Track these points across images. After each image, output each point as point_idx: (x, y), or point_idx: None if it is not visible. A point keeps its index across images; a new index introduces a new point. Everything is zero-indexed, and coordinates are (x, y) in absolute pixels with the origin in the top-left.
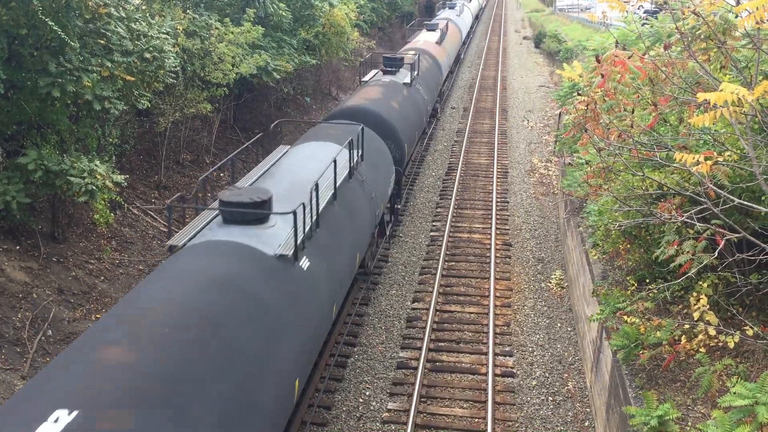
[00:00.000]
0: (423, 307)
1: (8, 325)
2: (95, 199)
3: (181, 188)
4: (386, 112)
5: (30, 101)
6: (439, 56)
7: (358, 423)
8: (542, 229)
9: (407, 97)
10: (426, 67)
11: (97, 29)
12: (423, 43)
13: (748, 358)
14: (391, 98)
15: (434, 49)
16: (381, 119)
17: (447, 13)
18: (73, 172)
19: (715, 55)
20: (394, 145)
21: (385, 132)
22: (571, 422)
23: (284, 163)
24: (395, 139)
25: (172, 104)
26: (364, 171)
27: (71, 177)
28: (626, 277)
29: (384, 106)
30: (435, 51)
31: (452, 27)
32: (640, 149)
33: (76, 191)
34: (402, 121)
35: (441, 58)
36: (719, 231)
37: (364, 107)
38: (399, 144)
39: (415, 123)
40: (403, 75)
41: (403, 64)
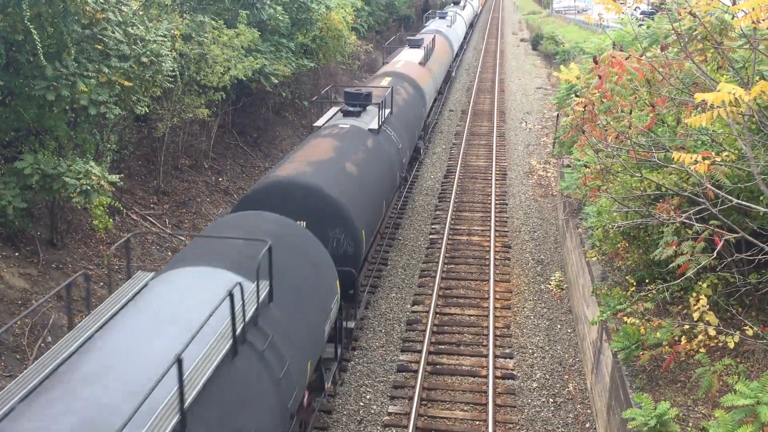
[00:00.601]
0: (423, 310)
1: (7, 331)
2: (90, 199)
3: (180, 193)
4: (334, 184)
5: (28, 107)
6: (422, 81)
7: (359, 427)
8: (541, 230)
9: (372, 152)
10: (403, 99)
11: (94, 35)
12: (403, 65)
13: (748, 358)
14: (346, 157)
15: (417, 71)
16: (323, 199)
17: (436, 24)
18: (68, 173)
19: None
20: (344, 234)
21: (331, 216)
22: (572, 424)
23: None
24: (347, 227)
25: (170, 109)
26: (274, 320)
27: (66, 178)
28: (625, 277)
29: (332, 175)
30: (417, 74)
31: (441, 41)
32: (638, 150)
33: (72, 192)
34: (360, 196)
35: (425, 82)
36: (718, 231)
37: (300, 181)
38: (352, 233)
39: (382, 190)
40: (370, 117)
41: (370, 101)
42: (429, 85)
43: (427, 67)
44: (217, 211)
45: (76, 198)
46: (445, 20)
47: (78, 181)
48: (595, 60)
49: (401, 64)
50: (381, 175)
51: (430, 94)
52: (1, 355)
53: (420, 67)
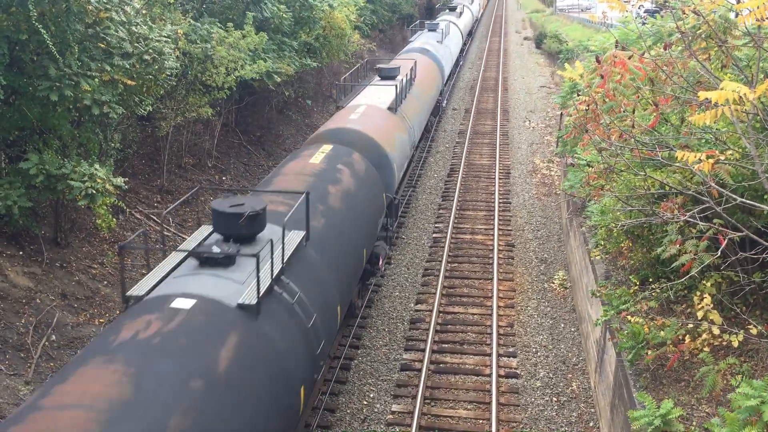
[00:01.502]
0: (426, 309)
1: (12, 330)
2: (95, 202)
3: (184, 192)
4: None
5: (32, 107)
6: (388, 138)
7: (363, 425)
8: (545, 229)
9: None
10: (346, 189)
11: (97, 34)
12: (364, 113)
13: (753, 357)
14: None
15: (383, 122)
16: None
17: (423, 40)
18: (73, 176)
19: (716, 54)
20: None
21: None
22: (576, 423)
23: None
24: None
25: (173, 108)
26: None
27: (71, 181)
28: (629, 276)
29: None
30: (383, 128)
31: (426, 66)
32: (641, 149)
33: (77, 195)
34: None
35: (393, 140)
36: (722, 230)
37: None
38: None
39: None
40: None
41: (262, 227)
42: (401, 141)
43: (401, 114)
44: None
45: (81, 201)
46: (436, 33)
47: (83, 184)
48: (597, 59)
49: (361, 112)
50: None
51: (400, 158)
52: (6, 353)
53: (389, 114)
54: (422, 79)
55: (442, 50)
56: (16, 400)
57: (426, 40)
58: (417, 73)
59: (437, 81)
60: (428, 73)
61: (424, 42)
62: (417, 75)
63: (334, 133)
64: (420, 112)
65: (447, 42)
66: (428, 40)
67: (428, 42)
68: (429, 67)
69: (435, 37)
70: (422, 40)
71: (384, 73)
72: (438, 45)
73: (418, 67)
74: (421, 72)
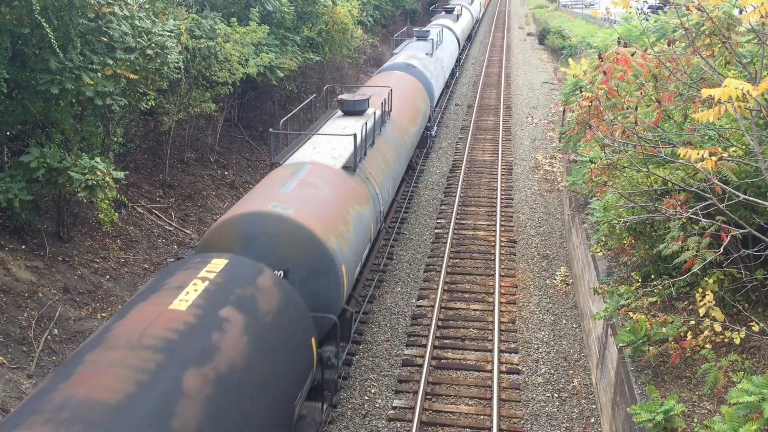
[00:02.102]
0: (428, 305)
1: (14, 324)
2: (95, 194)
3: (186, 187)
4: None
5: (34, 100)
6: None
7: (364, 420)
8: (547, 225)
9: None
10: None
11: (99, 27)
12: (304, 180)
13: (754, 354)
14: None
15: (331, 194)
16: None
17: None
18: (74, 168)
19: (720, 51)
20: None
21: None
22: (577, 419)
23: None
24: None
25: (176, 103)
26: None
27: (72, 172)
28: (631, 273)
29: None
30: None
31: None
32: (644, 145)
33: (77, 187)
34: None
35: (346, 224)
36: (724, 227)
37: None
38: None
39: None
40: None
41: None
42: (349, 245)
43: (361, 175)
44: (223, 205)
45: (81, 193)
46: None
47: (83, 176)
48: (599, 56)
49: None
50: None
51: (344, 273)
52: (8, 346)
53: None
54: (402, 110)
55: (432, 65)
56: (18, 393)
57: (413, 53)
58: (395, 101)
59: (423, 107)
60: (411, 98)
61: (411, 55)
62: (394, 105)
63: (243, 224)
64: (393, 164)
65: (439, 53)
66: (415, 53)
67: (415, 55)
68: (412, 91)
69: (424, 48)
70: (408, 52)
71: (348, 107)
72: (427, 59)
73: (398, 93)
74: (400, 99)
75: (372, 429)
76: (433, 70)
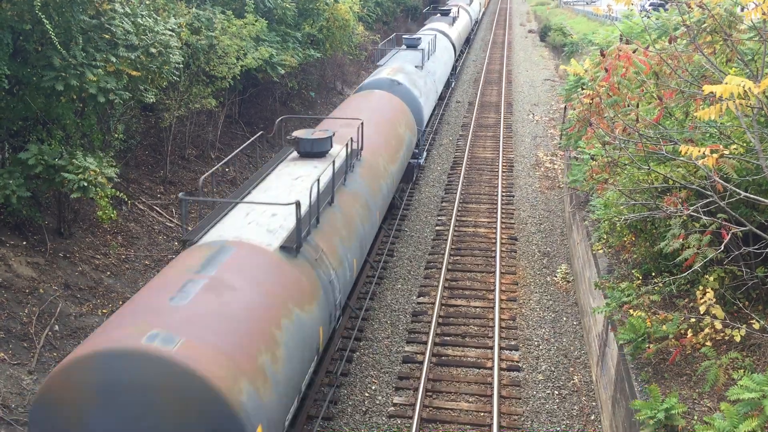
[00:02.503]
0: (428, 302)
1: (15, 320)
2: (88, 194)
3: (187, 183)
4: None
5: (35, 97)
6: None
7: (364, 417)
8: (548, 222)
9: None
10: None
11: (101, 24)
12: (212, 283)
13: (755, 352)
14: None
15: (246, 308)
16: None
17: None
18: (70, 168)
19: (721, 48)
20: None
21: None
22: (577, 416)
23: None
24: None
25: (177, 99)
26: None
27: (66, 173)
28: (632, 270)
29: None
30: (232, 356)
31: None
32: (645, 143)
33: (72, 187)
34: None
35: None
36: (725, 224)
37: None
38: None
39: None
40: None
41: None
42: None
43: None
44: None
45: (74, 194)
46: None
47: (77, 177)
48: (602, 53)
49: (187, 299)
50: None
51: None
52: (9, 342)
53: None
54: (378, 144)
55: (421, 80)
56: (19, 389)
57: (400, 65)
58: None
59: (408, 136)
60: (393, 126)
61: (397, 68)
62: (370, 138)
63: (99, 371)
64: (360, 224)
65: (431, 65)
66: (403, 65)
67: (402, 68)
68: (395, 115)
69: (414, 59)
70: (395, 64)
71: (305, 147)
72: (416, 73)
73: (377, 119)
74: (378, 129)
75: (372, 426)
76: (422, 86)
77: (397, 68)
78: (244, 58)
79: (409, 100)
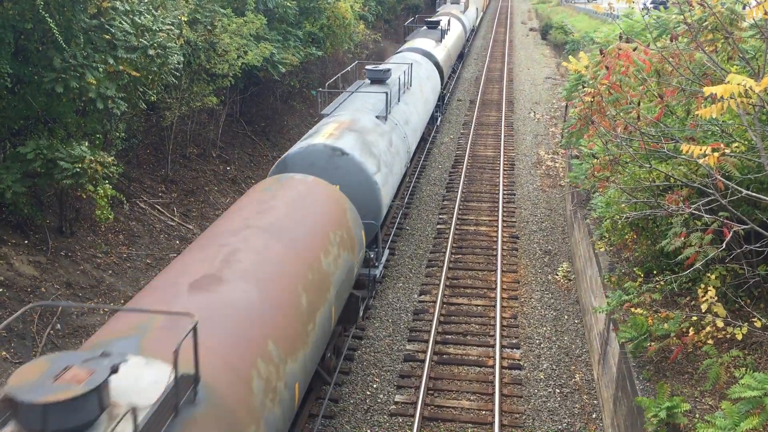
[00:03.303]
0: (430, 300)
1: (17, 318)
2: (80, 180)
3: (188, 182)
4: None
5: (37, 96)
6: None
7: (366, 415)
8: (549, 221)
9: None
10: None
11: (101, 24)
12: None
13: (756, 350)
14: None
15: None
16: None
17: (348, 118)
18: (66, 158)
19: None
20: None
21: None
22: (579, 414)
23: None
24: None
25: (178, 98)
26: None
27: (61, 162)
28: (633, 269)
29: None
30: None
31: (318, 228)
32: (647, 141)
33: (66, 175)
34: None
35: None
36: (727, 222)
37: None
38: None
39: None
40: None
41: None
42: None
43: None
44: (225, 200)
45: (67, 181)
46: (378, 96)
47: (71, 165)
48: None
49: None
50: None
51: None
52: (11, 341)
53: None
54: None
55: (382, 140)
56: None
57: (352, 117)
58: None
59: (349, 259)
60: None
61: (345, 125)
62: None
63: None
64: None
65: (402, 110)
66: (357, 117)
67: (354, 123)
68: (327, 223)
69: (375, 105)
70: (344, 115)
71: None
72: (376, 129)
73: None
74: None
75: (374, 424)
76: (383, 151)
77: (345, 124)
78: (245, 56)
79: (357, 185)
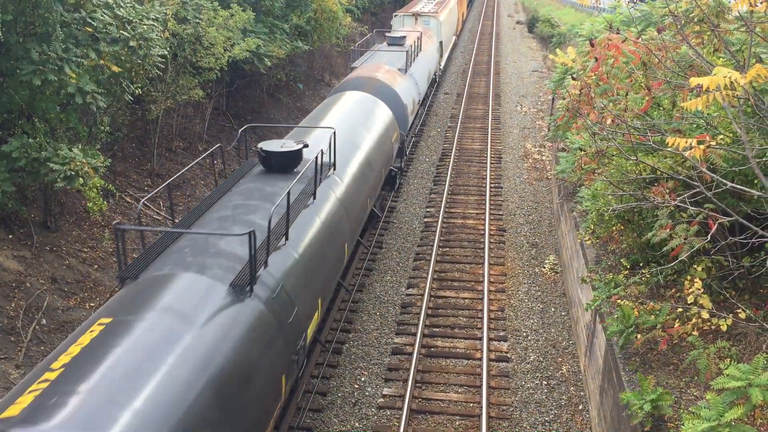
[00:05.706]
0: (417, 293)
1: (2, 314)
2: (73, 183)
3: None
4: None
5: (19, 89)
6: None
7: (354, 409)
8: (536, 214)
9: None
10: None
11: (83, 18)
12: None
13: (741, 341)
14: None
15: None
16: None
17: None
18: (55, 159)
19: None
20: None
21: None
22: (565, 406)
23: None
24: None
25: (164, 91)
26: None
27: (52, 164)
28: (620, 261)
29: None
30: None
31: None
32: (633, 133)
33: (57, 177)
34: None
35: None
36: (712, 215)
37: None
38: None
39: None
40: None
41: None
42: None
43: None
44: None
45: (59, 183)
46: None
47: (63, 167)
48: (591, 42)
49: None
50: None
51: None
52: None
53: None
54: None
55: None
56: (6, 383)
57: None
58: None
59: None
60: None
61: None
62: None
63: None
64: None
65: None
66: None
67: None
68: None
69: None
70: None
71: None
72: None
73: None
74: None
75: (362, 417)
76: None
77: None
78: (232, 49)
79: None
